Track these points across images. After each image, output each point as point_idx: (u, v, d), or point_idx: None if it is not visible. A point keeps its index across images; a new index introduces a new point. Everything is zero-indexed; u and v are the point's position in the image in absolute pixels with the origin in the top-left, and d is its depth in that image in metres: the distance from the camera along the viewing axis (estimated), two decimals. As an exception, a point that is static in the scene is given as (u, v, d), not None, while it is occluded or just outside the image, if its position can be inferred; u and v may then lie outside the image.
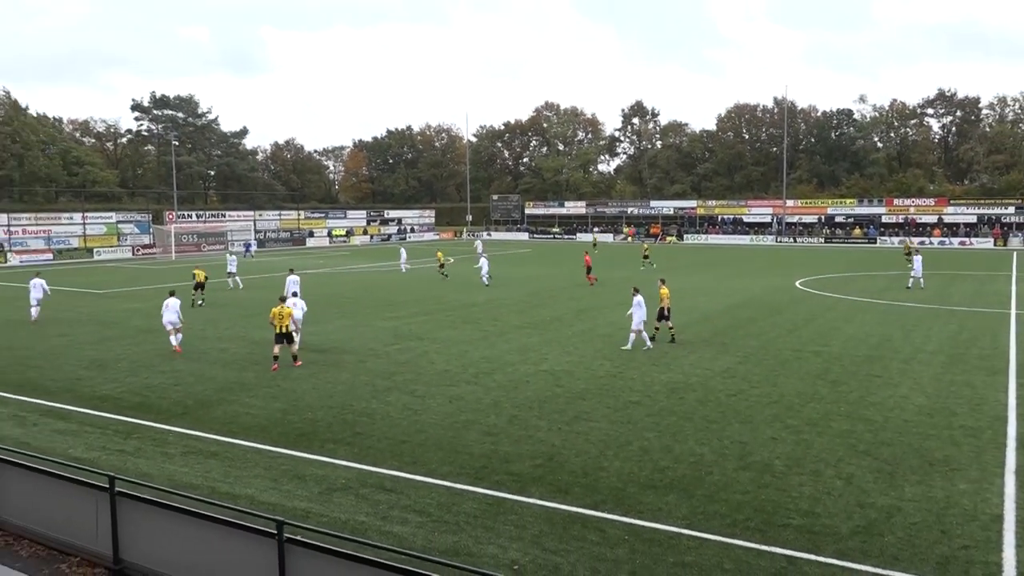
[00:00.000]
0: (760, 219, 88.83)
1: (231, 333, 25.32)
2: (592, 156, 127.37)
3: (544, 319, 27.82)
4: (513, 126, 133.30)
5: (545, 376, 18.63)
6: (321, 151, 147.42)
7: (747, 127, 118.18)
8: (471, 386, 17.68)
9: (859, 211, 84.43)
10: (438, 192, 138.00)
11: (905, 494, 11.22)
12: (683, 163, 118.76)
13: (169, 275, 48.15)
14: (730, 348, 22.05)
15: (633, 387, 17.51)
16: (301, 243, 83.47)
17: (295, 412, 15.64)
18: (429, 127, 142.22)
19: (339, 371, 19.33)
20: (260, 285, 41.63)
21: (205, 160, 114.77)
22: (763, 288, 37.74)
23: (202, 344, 23.29)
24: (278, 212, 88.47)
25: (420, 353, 21.55)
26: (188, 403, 16.44)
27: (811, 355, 20.98)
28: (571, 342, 23.11)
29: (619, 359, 20.54)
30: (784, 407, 15.78)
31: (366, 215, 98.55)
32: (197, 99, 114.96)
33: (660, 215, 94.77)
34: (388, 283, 41.34)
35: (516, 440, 13.72)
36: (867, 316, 28.14)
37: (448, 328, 25.86)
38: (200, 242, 72.97)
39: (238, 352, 22.00)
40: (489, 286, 38.85)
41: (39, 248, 64.41)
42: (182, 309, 23.09)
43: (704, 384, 17.74)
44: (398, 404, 16.15)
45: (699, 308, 30.43)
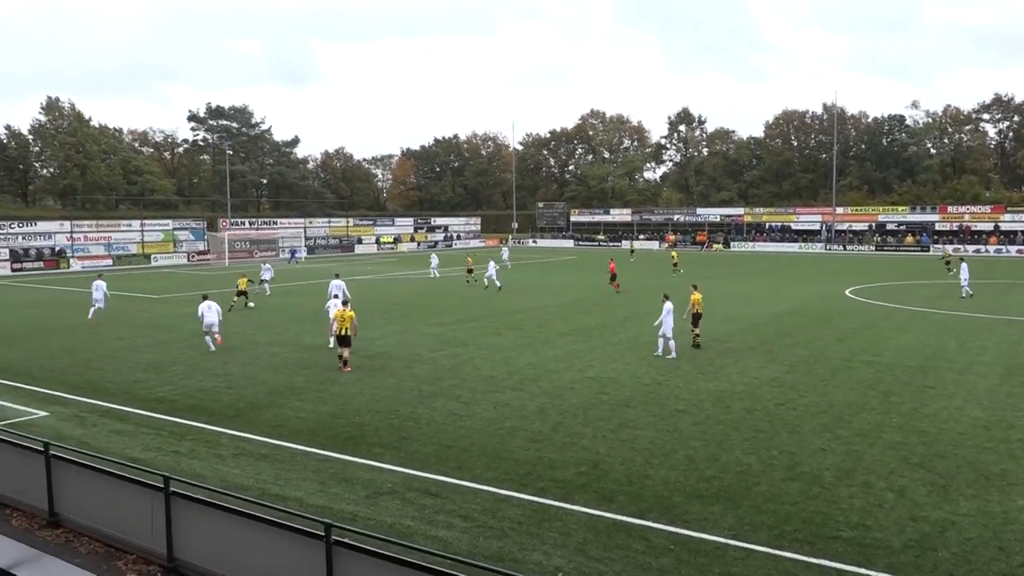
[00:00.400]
0: (809, 227, 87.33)
1: (282, 338, 25.71)
2: (638, 163, 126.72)
3: (589, 326, 27.69)
4: (559, 134, 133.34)
5: (590, 383, 18.53)
6: (370, 159, 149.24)
7: (795, 133, 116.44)
8: (516, 392, 17.68)
9: (912, 218, 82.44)
10: (484, 200, 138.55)
11: (960, 508, 10.89)
12: (730, 170, 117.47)
13: (222, 281, 49.09)
14: (778, 357, 21.68)
15: (679, 395, 17.32)
16: (350, 250, 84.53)
17: (343, 416, 15.80)
18: (476, 135, 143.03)
19: (386, 376, 19.48)
20: (307, 291, 42.18)
21: (258, 169, 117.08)
22: (812, 296, 37.07)
23: (253, 348, 23.68)
24: (328, 219, 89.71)
25: (466, 359, 21.61)
26: (240, 406, 16.72)
27: (862, 365, 20.52)
28: (616, 349, 22.96)
29: (664, 367, 20.34)
30: (834, 417, 15.45)
31: (413, 222, 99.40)
32: (251, 109, 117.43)
33: (706, 222, 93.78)
34: (434, 289, 41.58)
35: (561, 447, 13.67)
36: (920, 325, 27.45)
37: (493, 334, 25.90)
38: (252, 249, 74.33)
39: (288, 357, 22.33)
40: (499, 290, 39.72)
41: (99, 254, 66.26)
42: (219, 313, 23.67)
43: (751, 393, 17.47)
44: (444, 410, 16.22)
45: (746, 316, 30.01)
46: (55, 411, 16.46)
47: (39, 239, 63.52)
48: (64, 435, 14.46)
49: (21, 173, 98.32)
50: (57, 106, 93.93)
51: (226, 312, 29.74)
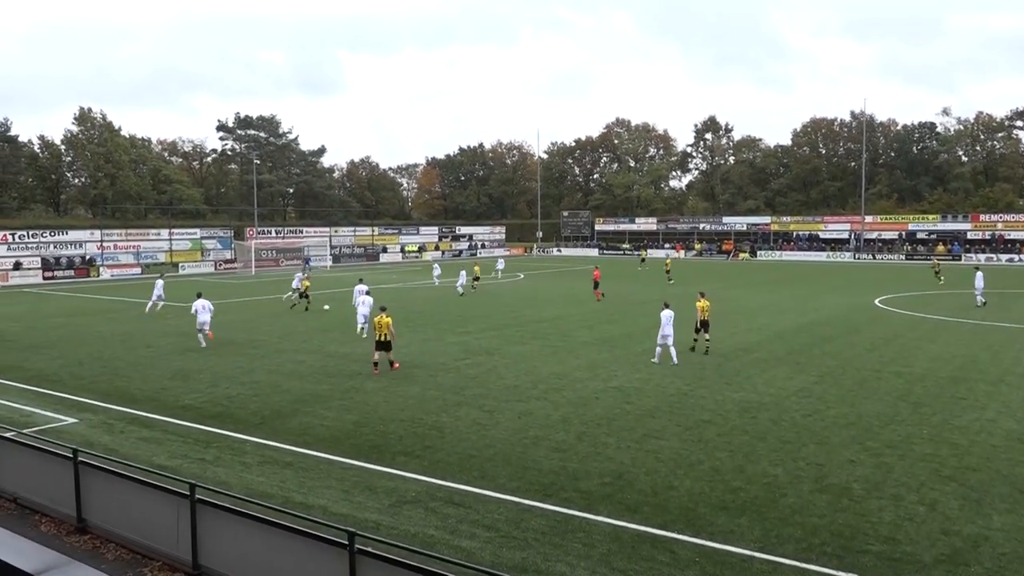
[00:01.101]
0: (837, 235, 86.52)
1: (307, 346, 25.89)
2: (663, 172, 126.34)
3: (613, 335, 27.61)
4: (584, 143, 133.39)
5: (614, 393, 18.46)
6: (395, 169, 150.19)
7: (823, 141, 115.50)
8: (540, 402, 17.65)
9: (942, 227, 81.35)
10: (509, 208, 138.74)
11: (993, 523, 10.68)
12: (757, 178, 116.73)
13: (249, 289, 49.62)
14: (806, 367, 21.47)
15: (704, 406, 17.20)
16: (375, 259, 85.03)
17: (367, 424, 15.87)
18: (500, 144, 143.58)
19: (410, 385, 19.55)
20: (333, 299, 42.46)
21: (285, 178, 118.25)
22: (840, 306, 36.68)
23: (279, 356, 23.88)
24: (353, 228, 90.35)
25: (489, 368, 21.63)
26: (265, 414, 16.85)
27: (892, 375, 20.25)
28: (641, 359, 22.86)
29: (690, 377, 20.21)
30: (863, 429, 15.25)
31: (438, 231, 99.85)
32: (278, 119, 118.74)
33: (733, 231, 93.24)
34: (458, 298, 41.68)
35: (585, 457, 13.61)
36: (952, 336, 27.03)
37: (517, 343, 25.91)
38: (279, 257, 75.02)
39: (314, 364, 22.48)
40: (460, 295, 41.55)
41: (129, 263, 67.24)
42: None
43: (778, 404, 17.30)
44: (468, 419, 16.23)
45: (773, 326, 29.75)
46: (84, 418, 16.69)
47: (70, 248, 64.63)
48: (92, 442, 14.66)
49: (53, 183, 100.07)
50: (89, 116, 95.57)
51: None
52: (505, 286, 49.91)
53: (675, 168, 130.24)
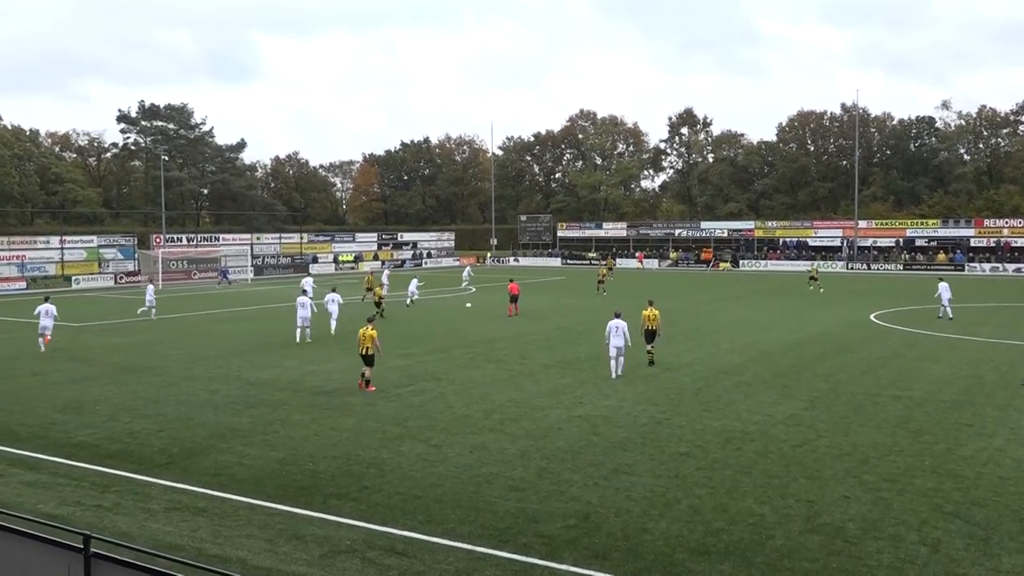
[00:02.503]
0: (828, 242, 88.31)
1: (223, 371, 25.52)
2: (634, 171, 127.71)
3: (579, 357, 27.72)
4: (544, 138, 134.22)
5: (580, 423, 18.52)
6: (327, 166, 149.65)
7: (812, 137, 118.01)
8: (495, 434, 17.63)
9: (943, 233, 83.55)
10: (458, 212, 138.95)
11: (1003, 564, 10.94)
12: (738, 179, 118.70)
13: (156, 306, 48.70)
14: (794, 391, 21.80)
15: (681, 436, 17.34)
16: (304, 270, 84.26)
17: (294, 463, 15.67)
18: (449, 139, 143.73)
19: (344, 416, 19.37)
20: (254, 316, 42.02)
21: (198, 177, 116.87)
22: (832, 322, 37.38)
23: (189, 384, 23.49)
24: (278, 235, 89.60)
25: (436, 396, 21.55)
26: (173, 451, 16.54)
27: (889, 400, 20.66)
28: (609, 384, 22.99)
29: (665, 403, 20.38)
30: (858, 460, 15.52)
31: (377, 238, 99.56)
32: (190, 108, 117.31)
33: (712, 238, 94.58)
34: (400, 315, 41.52)
35: (546, 496, 13.62)
36: (955, 355, 27.71)
37: (468, 367, 25.86)
38: (191, 269, 73.95)
39: (231, 394, 22.16)
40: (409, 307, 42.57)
41: (11, 276, 65.60)
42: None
43: (764, 433, 17.53)
44: (411, 454, 16.13)
45: (758, 344, 30.18)
46: (-44, 459, 16.19)
47: (-60, 258, 62.89)
48: (-34, 487, 14.21)
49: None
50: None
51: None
52: (449, 300, 49.84)
53: (647, 166, 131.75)
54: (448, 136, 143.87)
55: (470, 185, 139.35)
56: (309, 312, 32.26)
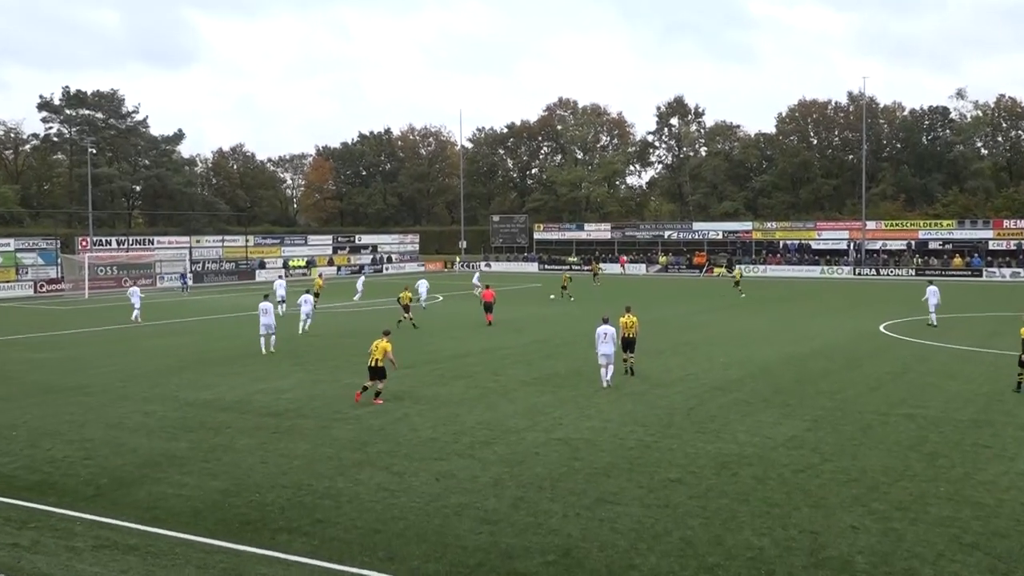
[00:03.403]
0: (833, 245, 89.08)
1: (159, 391, 25.29)
2: (619, 166, 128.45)
3: (558, 373, 27.73)
4: (519, 129, 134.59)
5: (560, 446, 18.51)
6: (276, 160, 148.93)
7: (815, 129, 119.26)
8: (464, 460, 17.58)
9: (959, 235, 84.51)
10: (424, 212, 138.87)
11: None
12: (734, 175, 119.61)
13: (81, 317, 48.26)
14: (796, 410, 21.93)
15: (672, 460, 17.38)
16: (249, 276, 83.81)
17: (239, 493, 15.55)
18: (413, 130, 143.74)
19: (296, 440, 19.25)
20: (194, 329, 41.72)
21: (129, 172, 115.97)
22: (838, 333, 37.67)
23: (120, 406, 23.26)
24: (221, 237, 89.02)
25: (399, 417, 21.47)
26: (102, 482, 16.36)
27: (901, 419, 20.84)
28: (592, 402, 23.01)
29: (654, 424, 20.43)
30: (867, 487, 15.62)
31: (332, 241, 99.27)
32: (121, 95, 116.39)
33: (706, 240, 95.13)
34: (358, 326, 41.34)
35: (522, 530, 13.59)
36: (973, 369, 28.01)
37: (435, 384, 25.80)
38: (122, 276, 73.26)
39: (167, 416, 21.95)
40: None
41: (-83, 284, 64.70)
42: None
43: (763, 457, 17.60)
44: (371, 483, 16.05)
45: (756, 358, 30.35)
46: None
47: None
48: None
49: None
50: None
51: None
52: (415, 310, 49.76)
53: (633, 161, 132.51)
54: (411, 127, 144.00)
55: (436, 181, 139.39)
56: (273, 319, 32.75)
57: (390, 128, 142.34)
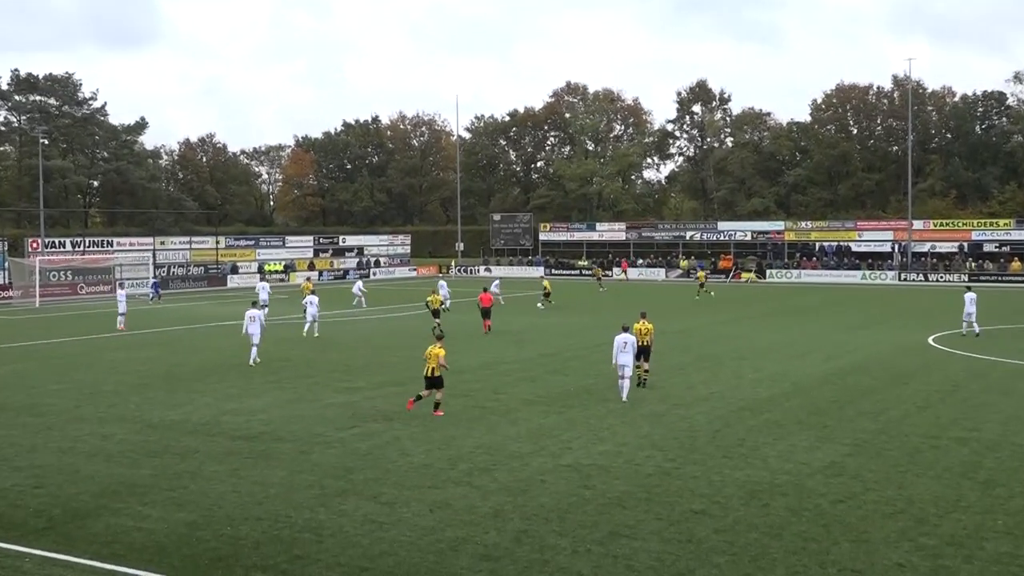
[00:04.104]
0: (876, 248, 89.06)
1: (118, 411, 25.28)
2: (635, 159, 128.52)
3: (567, 391, 27.71)
4: (522, 117, 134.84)
5: (568, 473, 18.48)
6: (250, 152, 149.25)
7: (855, 117, 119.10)
8: (461, 488, 17.55)
9: (1018, 236, 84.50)
10: (416, 210, 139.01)
11: (1094, 647, 10.99)
12: (764, 168, 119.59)
13: (32, 328, 48.25)
14: (835, 433, 21.88)
15: (695, 489, 17.33)
16: (220, 283, 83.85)
17: (208, 526, 15.52)
18: (404, 118, 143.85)
19: (271, 467, 19.22)
20: (157, 341, 41.69)
21: (86, 165, 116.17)
22: (882, 346, 37.64)
23: (76, 427, 23.25)
24: (188, 238, 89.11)
25: (389, 440, 21.45)
26: (54, 513, 16.33)
27: (953, 443, 20.79)
28: (605, 424, 22.99)
29: (674, 448, 20.38)
30: (915, 519, 15.58)
31: (313, 242, 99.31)
32: (77, 79, 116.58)
33: (732, 242, 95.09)
34: (343, 338, 41.36)
35: (526, 567, 13.56)
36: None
37: (429, 404, 25.76)
38: (78, 282, 73.27)
39: (127, 439, 21.93)
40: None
41: None
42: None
43: (798, 485, 17.55)
44: (356, 515, 16.02)
45: (790, 374, 30.31)
46: None
47: None
48: None
49: None
50: None
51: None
52: (405, 320, 49.72)
53: (651, 153, 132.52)
54: (402, 115, 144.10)
55: (430, 176, 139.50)
56: (259, 328, 33.57)
57: (378, 116, 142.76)
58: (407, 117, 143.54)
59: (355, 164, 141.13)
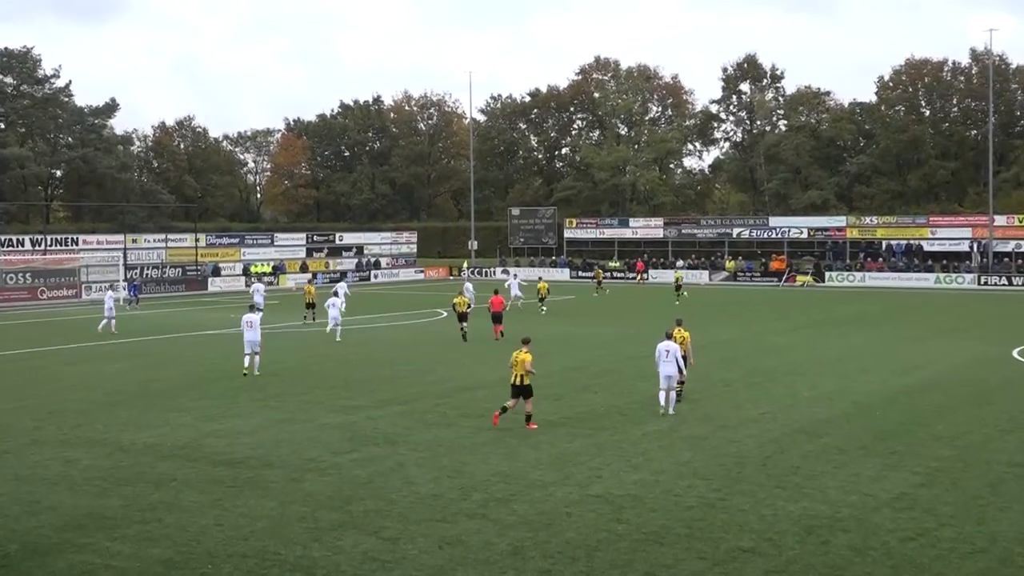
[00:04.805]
0: (951, 247, 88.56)
1: (84, 433, 25.36)
2: (674, 145, 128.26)
3: (595, 411, 27.69)
4: (545, 97, 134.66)
5: (598, 505, 18.45)
6: (234, 138, 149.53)
7: (927, 97, 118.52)
8: (475, 521, 17.54)
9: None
10: (423, 203, 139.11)
11: None
12: (823, 156, 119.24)
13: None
14: (905, 459, 21.77)
15: (744, 524, 17.27)
16: (200, 287, 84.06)
17: (186, 564, 15.56)
18: (409, 98, 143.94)
19: (259, 496, 19.25)
20: (128, 353, 41.73)
21: (48, 153, 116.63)
22: (959, 359, 37.49)
23: (36, 452, 23.33)
24: (164, 236, 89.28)
25: (392, 467, 21.46)
26: (10, 549, 16.40)
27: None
28: (639, 448, 22.94)
29: (719, 476, 20.31)
30: (997, 559, 15.49)
31: (306, 240, 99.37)
32: (36, 55, 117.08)
33: (786, 240, 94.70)
34: (340, 350, 41.37)
35: (550, 613, 13.54)
36: None
37: (437, 425, 25.79)
38: (38, 286, 73.60)
39: (94, 465, 22.00)
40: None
41: None
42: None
43: (862, 520, 17.47)
44: (355, 551, 16.04)
45: (851, 392, 30.19)
46: None
47: None
48: None
49: None
50: None
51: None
52: (410, 329, 49.73)
53: (692, 138, 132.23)
54: (407, 95, 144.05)
55: (439, 164, 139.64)
56: (258, 334, 34.16)
57: (380, 97, 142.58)
58: (413, 97, 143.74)
59: (354, 151, 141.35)
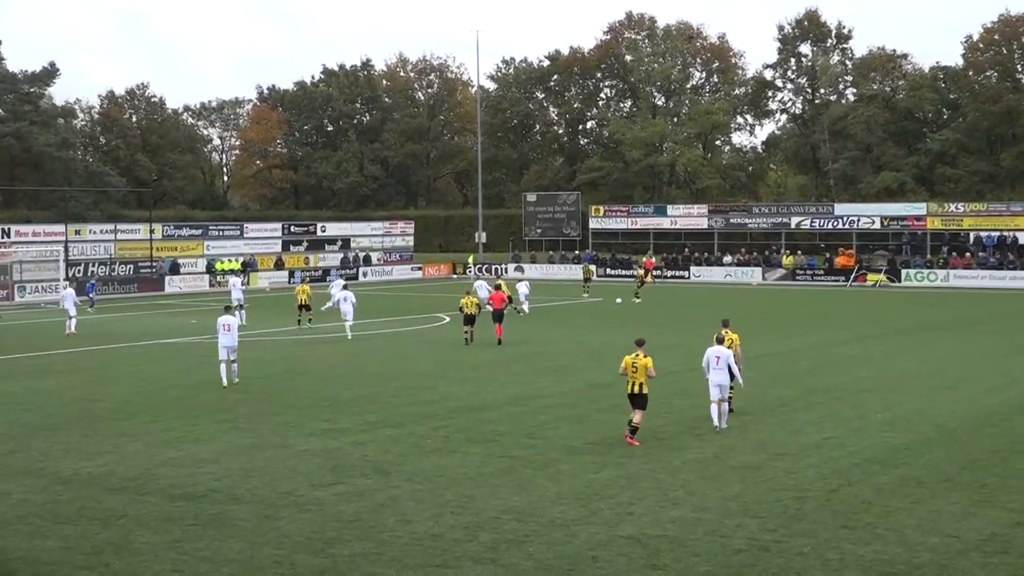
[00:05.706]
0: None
1: (16, 462, 25.45)
2: (720, 117, 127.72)
3: (624, 435, 27.66)
4: (565, 61, 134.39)
5: (630, 548, 18.44)
6: (197, 110, 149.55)
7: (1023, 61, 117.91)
8: (484, 567, 17.55)
9: None
10: (421, 187, 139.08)
11: None
12: (899, 131, 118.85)
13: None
14: (997, 494, 21.72)
15: (804, 571, 17.25)
16: (156, 286, 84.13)
17: (137, 617, 15.59)
18: (405, 63, 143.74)
19: (224, 537, 19.27)
20: (69, 367, 41.82)
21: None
22: (1061, 375, 37.36)
23: (-39, 482, 23.40)
24: (113, 226, 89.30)
25: (384, 501, 21.49)
26: (-70, 598, 16.47)
27: None
28: (679, 479, 22.93)
29: (774, 514, 20.27)
30: (1109, 614, 15.46)
31: (282, 231, 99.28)
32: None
33: (854, 232, 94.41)
34: (323, 362, 41.40)
35: (571, 676, 13.55)
36: None
37: (438, 452, 25.80)
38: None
39: (28, 499, 22.06)
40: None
41: None
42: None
43: (946, 566, 17.44)
44: (339, 602, 16.06)
45: (932, 414, 30.14)
46: None
47: None
48: None
49: None
50: None
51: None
52: (406, 338, 49.76)
53: (743, 110, 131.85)
54: (403, 58, 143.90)
55: (441, 141, 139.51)
56: (236, 338, 34.80)
57: (370, 60, 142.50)
58: (409, 62, 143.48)
59: (339, 125, 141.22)
